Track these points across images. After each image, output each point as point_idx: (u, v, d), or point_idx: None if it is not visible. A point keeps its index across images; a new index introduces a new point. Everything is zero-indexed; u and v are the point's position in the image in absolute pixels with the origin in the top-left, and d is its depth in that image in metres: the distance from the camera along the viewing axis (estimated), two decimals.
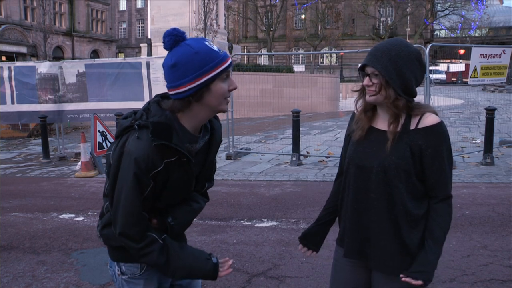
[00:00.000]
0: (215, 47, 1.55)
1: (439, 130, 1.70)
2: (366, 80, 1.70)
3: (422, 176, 1.71)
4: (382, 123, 1.77)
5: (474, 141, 10.21)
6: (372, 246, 1.77)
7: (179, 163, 1.57)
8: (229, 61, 1.57)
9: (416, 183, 1.71)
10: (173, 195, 1.65)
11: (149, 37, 21.32)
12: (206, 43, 1.55)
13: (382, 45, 1.71)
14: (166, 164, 1.54)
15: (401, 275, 1.68)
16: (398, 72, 1.64)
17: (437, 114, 1.73)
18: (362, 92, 1.78)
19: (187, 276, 1.73)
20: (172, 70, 1.52)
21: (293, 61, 48.40)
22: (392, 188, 1.70)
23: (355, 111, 1.85)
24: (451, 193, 1.75)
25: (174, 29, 1.54)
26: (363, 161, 1.77)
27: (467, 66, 9.03)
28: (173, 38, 1.52)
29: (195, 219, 1.84)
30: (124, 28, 57.44)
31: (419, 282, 1.64)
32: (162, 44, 1.55)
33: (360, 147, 1.79)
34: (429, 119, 1.69)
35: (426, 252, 1.69)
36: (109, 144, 8.38)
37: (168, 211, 1.67)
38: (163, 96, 1.64)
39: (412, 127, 1.70)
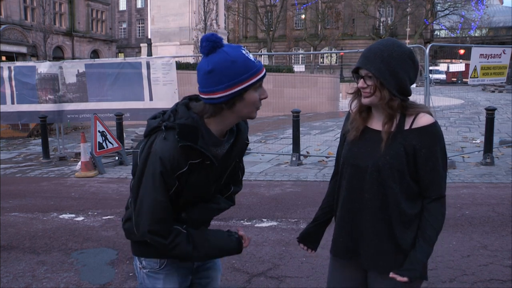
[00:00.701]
0: (251, 56, 1.57)
1: (433, 131, 1.70)
2: (361, 83, 1.71)
3: (416, 176, 1.71)
4: (376, 123, 1.78)
5: (474, 141, 10.21)
6: (366, 245, 1.77)
7: (203, 165, 1.60)
8: (264, 72, 1.59)
9: (410, 183, 1.71)
10: (190, 196, 1.67)
11: (149, 37, 21.28)
12: (243, 51, 1.56)
13: (374, 47, 1.71)
14: (190, 165, 1.57)
15: (390, 273, 1.70)
16: (391, 72, 1.65)
17: (431, 114, 1.73)
18: (357, 93, 1.79)
19: (217, 256, 1.79)
20: (208, 76, 1.53)
21: (293, 61, 48.41)
22: (386, 188, 1.70)
23: (350, 111, 1.86)
24: (444, 193, 1.76)
25: (213, 35, 1.55)
26: (357, 161, 1.78)
27: (467, 66, 9.03)
28: (211, 44, 1.53)
29: None
30: (124, 28, 57.44)
31: (404, 279, 1.67)
32: (200, 47, 1.56)
33: (354, 147, 1.80)
34: (423, 119, 1.70)
35: (415, 251, 1.71)
36: (109, 144, 8.39)
37: (184, 208, 1.70)
38: (191, 98, 1.67)
39: (406, 127, 1.71)
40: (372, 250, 1.77)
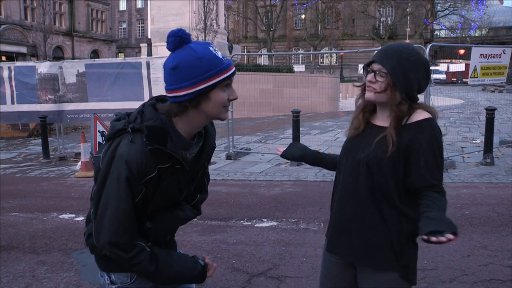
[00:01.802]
0: (219, 54, 1.50)
1: (428, 126, 1.67)
2: (371, 76, 1.70)
3: (409, 171, 1.68)
4: (379, 120, 1.78)
5: (474, 141, 10.21)
6: (357, 239, 1.76)
7: (172, 170, 1.52)
8: (232, 70, 1.51)
9: (401, 179, 1.68)
10: (161, 202, 1.59)
11: (149, 37, 21.33)
12: (211, 48, 1.49)
13: (394, 46, 1.72)
14: (159, 170, 1.48)
15: (424, 237, 1.47)
16: (404, 74, 1.65)
17: (431, 112, 1.70)
18: (364, 90, 1.78)
19: (178, 282, 1.65)
20: (172, 72, 1.47)
21: (293, 61, 48.39)
22: (376, 182, 1.70)
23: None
24: (443, 188, 1.71)
25: (180, 30, 1.48)
26: (353, 154, 1.78)
27: (467, 66, 9.03)
28: (178, 40, 1.47)
29: (194, 220, 1.82)
30: (124, 28, 57.43)
31: (450, 236, 1.44)
32: (166, 43, 1.50)
33: (353, 140, 1.82)
34: (418, 115, 1.69)
35: (430, 212, 1.55)
36: None
37: (151, 217, 1.60)
38: (159, 99, 1.58)
39: (402, 123, 1.71)
40: (362, 244, 1.75)
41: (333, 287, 1.93)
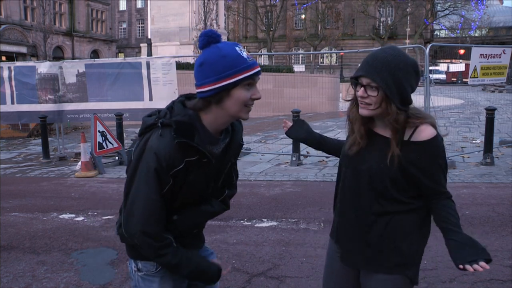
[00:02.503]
0: (244, 54, 1.55)
1: (433, 146, 1.65)
2: (362, 92, 1.64)
3: (416, 183, 1.68)
4: (380, 128, 1.74)
5: (474, 141, 10.21)
6: (365, 247, 1.77)
7: (200, 163, 1.58)
8: (255, 69, 1.56)
9: (402, 192, 1.69)
10: (188, 196, 1.65)
11: (149, 37, 21.31)
12: (237, 48, 1.55)
13: (380, 55, 1.63)
14: (186, 163, 1.55)
15: (460, 266, 1.54)
16: (397, 85, 1.60)
17: (434, 125, 1.68)
18: (355, 101, 1.73)
19: (194, 279, 1.74)
20: (199, 69, 1.55)
21: (293, 61, 48.40)
22: (379, 192, 1.70)
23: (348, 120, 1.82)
24: (449, 193, 1.75)
25: (211, 31, 1.57)
26: (354, 164, 1.77)
27: (467, 66, 9.03)
28: (206, 39, 1.55)
29: None
30: (124, 28, 57.43)
31: (486, 266, 1.52)
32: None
33: (358, 148, 1.79)
34: (424, 133, 1.64)
35: (458, 237, 1.61)
36: (109, 144, 8.39)
37: (177, 210, 1.67)
38: (188, 96, 1.66)
39: (406, 137, 1.66)
40: (368, 252, 1.76)
41: (336, 287, 1.93)
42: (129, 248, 1.75)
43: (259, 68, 1.57)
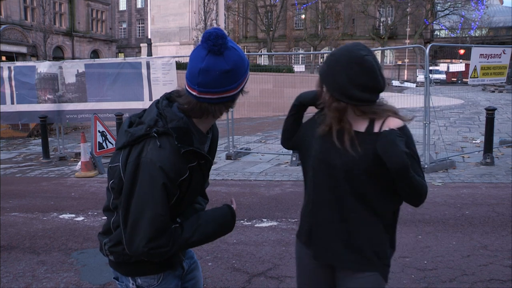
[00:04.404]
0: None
1: (403, 133, 1.67)
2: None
3: (386, 177, 1.67)
4: (355, 124, 1.76)
5: (474, 141, 10.21)
6: (339, 243, 1.76)
7: (199, 166, 1.56)
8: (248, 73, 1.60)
9: (378, 183, 1.70)
10: (191, 198, 1.63)
11: (149, 37, 21.28)
12: (238, 49, 1.55)
13: (332, 53, 1.73)
14: (189, 169, 1.51)
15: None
16: (333, 76, 1.66)
17: (400, 116, 1.72)
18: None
19: (216, 232, 1.67)
20: (224, 75, 1.45)
21: (293, 61, 48.38)
22: (355, 187, 1.70)
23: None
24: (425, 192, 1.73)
25: (219, 29, 1.48)
26: (326, 159, 1.75)
27: (467, 66, 9.01)
28: (225, 41, 1.46)
29: None
30: (124, 28, 57.42)
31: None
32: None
33: (324, 141, 1.77)
34: (391, 123, 1.68)
35: None
36: (109, 144, 8.36)
37: (178, 214, 1.64)
38: (167, 97, 1.59)
39: (376, 130, 1.70)
40: (342, 249, 1.76)
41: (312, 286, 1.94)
42: (125, 268, 1.65)
43: None
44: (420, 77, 39.15)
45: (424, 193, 1.69)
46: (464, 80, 25.76)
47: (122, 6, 57.36)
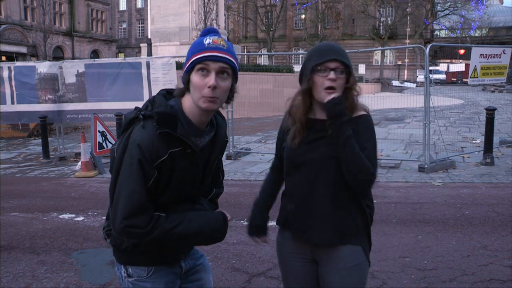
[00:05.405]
0: (209, 41, 1.56)
1: (367, 120, 1.80)
2: (333, 74, 1.73)
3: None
4: (318, 114, 1.85)
5: (474, 141, 10.21)
6: (322, 223, 1.82)
7: (184, 154, 1.57)
8: (207, 53, 1.53)
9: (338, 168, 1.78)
10: (178, 189, 1.62)
11: (149, 37, 21.27)
12: (207, 36, 1.59)
13: (335, 45, 1.81)
14: (171, 154, 1.54)
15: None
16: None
17: (367, 111, 1.83)
18: (305, 92, 1.84)
19: (200, 237, 1.65)
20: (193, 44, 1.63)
21: (293, 61, 48.35)
22: (336, 174, 1.77)
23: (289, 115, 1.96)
24: (375, 173, 1.76)
25: (213, 29, 1.66)
26: (308, 154, 1.82)
27: (467, 66, 9.01)
28: (205, 31, 1.64)
29: None
30: (124, 28, 57.42)
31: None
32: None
33: (303, 144, 1.85)
34: (358, 112, 1.81)
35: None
36: (109, 144, 8.37)
37: (169, 209, 1.62)
38: (169, 91, 1.67)
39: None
40: (325, 227, 1.82)
41: (298, 286, 2.00)
42: (118, 254, 1.71)
43: (213, 53, 1.53)
44: (420, 77, 39.17)
45: (365, 170, 1.70)
46: (464, 80, 25.75)
47: (122, 6, 57.35)
